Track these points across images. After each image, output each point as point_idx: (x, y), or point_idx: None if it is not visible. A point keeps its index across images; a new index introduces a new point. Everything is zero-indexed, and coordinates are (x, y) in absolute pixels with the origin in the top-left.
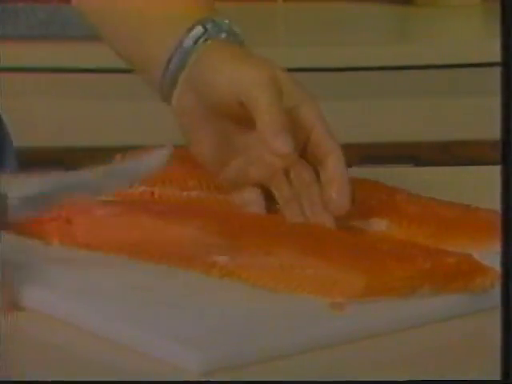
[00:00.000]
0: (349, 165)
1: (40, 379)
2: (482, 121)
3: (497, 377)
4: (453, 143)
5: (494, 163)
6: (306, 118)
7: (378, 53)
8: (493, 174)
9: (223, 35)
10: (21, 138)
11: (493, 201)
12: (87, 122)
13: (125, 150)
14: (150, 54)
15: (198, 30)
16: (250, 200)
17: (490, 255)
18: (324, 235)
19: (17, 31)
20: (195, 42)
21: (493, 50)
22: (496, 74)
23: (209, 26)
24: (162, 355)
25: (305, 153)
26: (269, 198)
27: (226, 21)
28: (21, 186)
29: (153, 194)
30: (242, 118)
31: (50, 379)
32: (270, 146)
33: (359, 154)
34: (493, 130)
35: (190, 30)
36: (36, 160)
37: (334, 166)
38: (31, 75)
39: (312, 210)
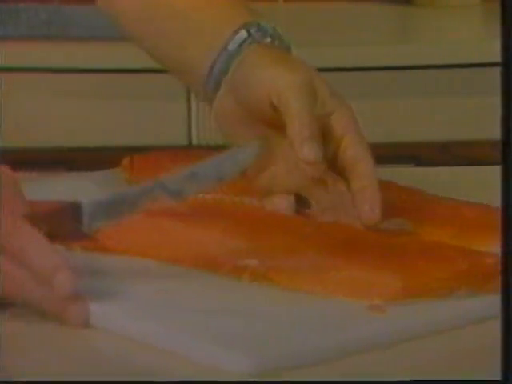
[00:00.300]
0: None
1: (41, 379)
2: (482, 121)
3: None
4: (453, 143)
5: (494, 163)
6: (337, 125)
7: (378, 53)
8: (493, 173)
9: (268, 40)
10: (20, 137)
11: (493, 201)
12: (88, 122)
13: (125, 150)
14: (191, 56)
15: (242, 34)
16: (281, 208)
17: None
18: (353, 236)
19: (18, 31)
20: (239, 47)
21: (493, 50)
22: (496, 74)
23: (253, 31)
24: (209, 360)
25: (335, 160)
26: (298, 203)
27: (272, 25)
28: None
29: None
30: (277, 123)
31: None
32: (297, 152)
33: None
34: (493, 130)
35: (235, 34)
36: (36, 160)
37: (364, 174)
38: (32, 75)
39: (347, 218)
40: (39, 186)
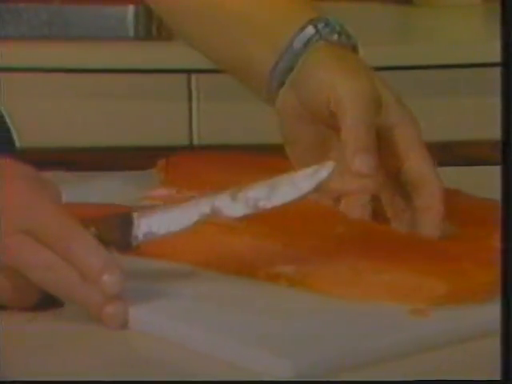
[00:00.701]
0: None
1: (41, 379)
2: (483, 121)
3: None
4: (454, 143)
5: (494, 163)
6: (401, 139)
7: (378, 53)
8: (493, 173)
9: (335, 37)
10: (21, 137)
11: None
12: (88, 123)
13: (126, 150)
14: (252, 54)
15: (309, 30)
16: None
17: None
18: (392, 238)
19: (18, 31)
20: (306, 44)
21: (493, 50)
22: (497, 74)
23: (320, 26)
24: (249, 363)
25: (399, 174)
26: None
27: (339, 22)
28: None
29: None
30: (335, 126)
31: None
32: (349, 163)
33: None
34: (494, 130)
35: (301, 30)
36: (36, 160)
37: (431, 196)
38: (33, 75)
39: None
40: (72, 186)
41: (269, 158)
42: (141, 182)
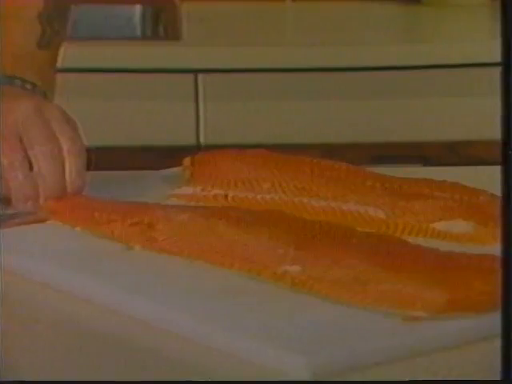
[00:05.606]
0: (358, 165)
1: (42, 379)
2: (490, 121)
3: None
4: (461, 143)
5: (495, 163)
6: None
7: (387, 52)
8: (499, 173)
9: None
10: None
11: None
12: (95, 123)
13: (131, 150)
14: None
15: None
16: None
17: None
18: (397, 248)
19: None
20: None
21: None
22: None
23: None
24: (266, 361)
25: None
26: None
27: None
28: None
29: (226, 197)
30: None
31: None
32: None
33: (368, 154)
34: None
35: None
36: None
37: None
38: None
39: None
40: (103, 184)
41: (292, 156)
42: (170, 180)
